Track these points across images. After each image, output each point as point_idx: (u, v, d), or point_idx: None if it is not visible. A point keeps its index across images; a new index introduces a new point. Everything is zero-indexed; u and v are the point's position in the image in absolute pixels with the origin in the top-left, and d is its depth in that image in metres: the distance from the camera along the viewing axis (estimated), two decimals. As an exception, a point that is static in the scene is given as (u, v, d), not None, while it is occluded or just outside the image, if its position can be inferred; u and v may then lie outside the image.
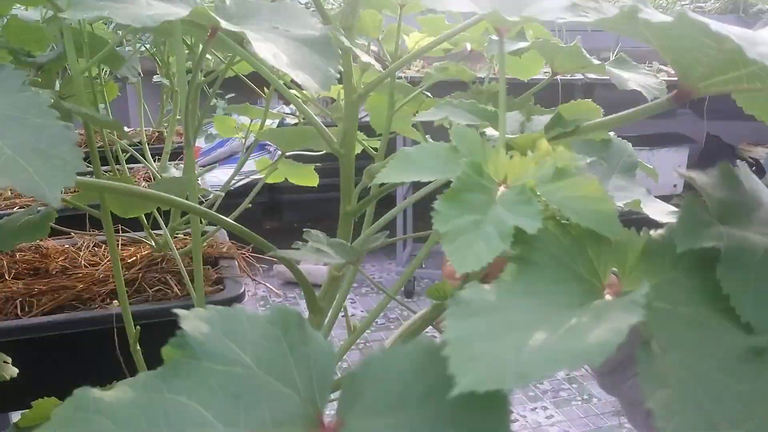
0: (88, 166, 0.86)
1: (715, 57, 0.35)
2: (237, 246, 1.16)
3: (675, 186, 4.44)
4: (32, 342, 0.92)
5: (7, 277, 1.04)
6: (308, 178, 1.23)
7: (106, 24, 1.03)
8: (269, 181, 1.13)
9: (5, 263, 1.07)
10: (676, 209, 0.59)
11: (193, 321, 0.31)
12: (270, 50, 0.37)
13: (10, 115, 0.30)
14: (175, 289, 1.00)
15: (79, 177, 0.31)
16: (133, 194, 0.52)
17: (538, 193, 0.34)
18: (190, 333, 0.30)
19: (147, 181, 1.56)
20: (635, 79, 0.51)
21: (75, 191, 1.03)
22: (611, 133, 0.72)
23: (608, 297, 0.33)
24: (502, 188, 0.35)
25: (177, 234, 1.22)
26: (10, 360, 0.69)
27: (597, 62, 0.57)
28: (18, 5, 0.92)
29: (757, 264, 0.33)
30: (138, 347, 0.75)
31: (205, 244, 1.12)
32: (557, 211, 0.34)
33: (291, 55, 0.38)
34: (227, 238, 1.19)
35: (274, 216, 4.07)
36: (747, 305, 0.31)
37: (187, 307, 0.95)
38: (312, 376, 0.30)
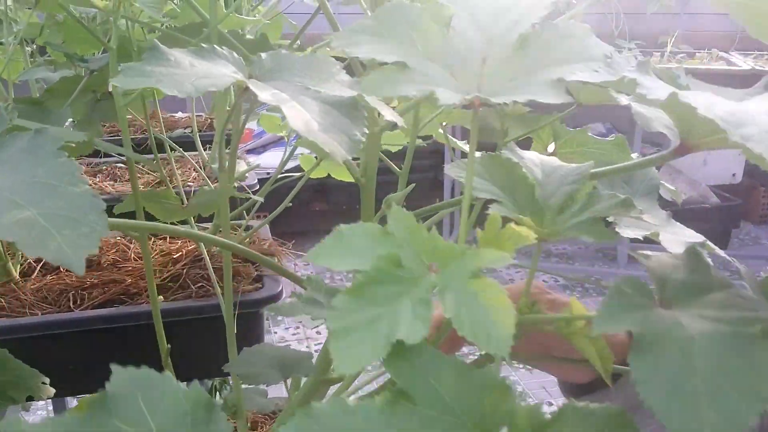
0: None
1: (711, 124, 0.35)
2: (279, 243, 1.20)
3: (734, 175, 4.32)
4: (84, 334, 0.97)
5: (61, 270, 1.10)
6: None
7: (154, 30, 1.07)
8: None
9: (60, 255, 1.13)
10: (696, 237, 0.59)
11: (122, 381, 0.36)
12: (302, 118, 0.38)
13: (47, 183, 0.33)
14: (217, 286, 1.04)
15: (114, 219, 0.35)
16: (159, 231, 0.54)
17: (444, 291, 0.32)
18: (112, 392, 0.36)
19: (196, 171, 1.60)
20: (660, 118, 0.51)
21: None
22: (635, 155, 0.72)
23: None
24: (429, 277, 0.33)
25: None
26: (48, 380, 0.75)
27: (625, 101, 0.57)
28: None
29: (673, 350, 0.31)
30: (168, 352, 0.80)
31: (246, 240, 1.15)
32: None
33: (320, 119, 0.39)
34: (270, 235, 1.22)
35: (322, 198, 4.13)
36: (652, 394, 0.30)
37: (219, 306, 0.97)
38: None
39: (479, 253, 0.32)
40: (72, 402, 1.38)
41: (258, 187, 1.34)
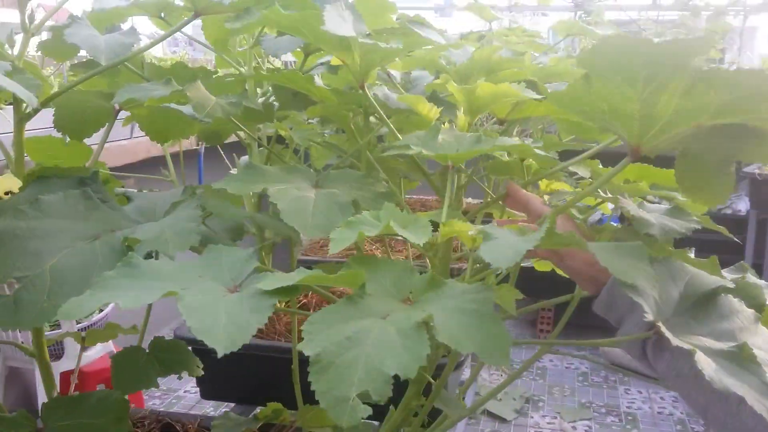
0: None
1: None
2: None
3: None
4: (283, 360, 1.29)
5: (310, 309, 1.51)
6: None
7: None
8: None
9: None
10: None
11: (214, 249, 0.70)
12: (301, 209, 0.70)
13: (182, 220, 0.71)
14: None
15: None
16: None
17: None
18: (215, 250, 0.69)
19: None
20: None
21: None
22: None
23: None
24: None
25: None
26: (201, 364, 1.05)
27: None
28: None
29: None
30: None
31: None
32: None
33: (321, 211, 0.71)
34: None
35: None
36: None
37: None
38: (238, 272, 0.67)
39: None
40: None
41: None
